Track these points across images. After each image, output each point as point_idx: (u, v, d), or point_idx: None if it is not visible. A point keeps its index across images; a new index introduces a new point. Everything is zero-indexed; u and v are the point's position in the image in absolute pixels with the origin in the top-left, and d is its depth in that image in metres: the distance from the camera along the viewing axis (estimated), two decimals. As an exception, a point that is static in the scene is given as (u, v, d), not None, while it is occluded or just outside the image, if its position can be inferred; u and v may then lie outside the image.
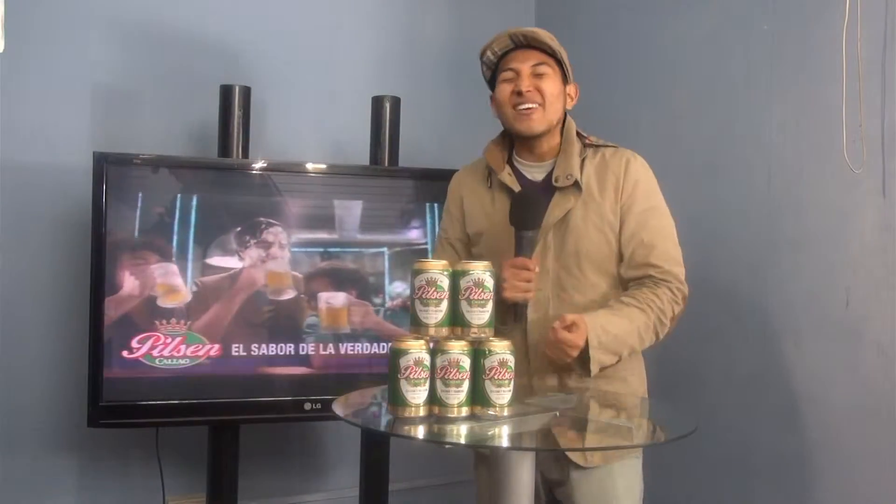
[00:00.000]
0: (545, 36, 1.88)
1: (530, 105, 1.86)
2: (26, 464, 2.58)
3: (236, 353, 2.47)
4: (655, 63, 2.85)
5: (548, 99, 1.87)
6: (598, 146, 1.95)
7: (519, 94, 1.86)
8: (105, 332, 2.33)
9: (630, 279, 1.87)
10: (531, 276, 1.78)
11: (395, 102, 2.77)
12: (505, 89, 1.89)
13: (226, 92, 2.60)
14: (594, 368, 1.75)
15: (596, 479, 1.83)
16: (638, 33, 2.93)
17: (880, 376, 2.12)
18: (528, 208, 1.82)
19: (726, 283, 2.52)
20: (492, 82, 1.96)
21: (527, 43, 1.88)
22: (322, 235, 2.59)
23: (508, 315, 1.82)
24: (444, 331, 1.52)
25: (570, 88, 1.94)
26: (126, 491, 2.70)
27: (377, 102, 2.77)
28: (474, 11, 3.31)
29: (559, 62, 1.90)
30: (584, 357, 1.73)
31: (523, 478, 1.48)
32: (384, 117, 2.76)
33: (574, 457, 1.81)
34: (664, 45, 2.82)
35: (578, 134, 1.95)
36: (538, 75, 1.87)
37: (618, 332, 1.77)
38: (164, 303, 2.41)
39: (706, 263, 2.49)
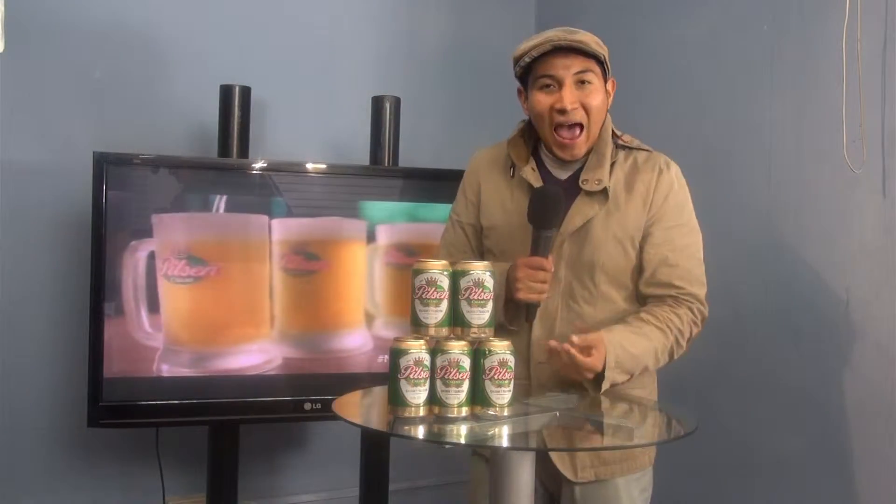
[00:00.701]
0: (592, 43, 1.73)
1: (573, 125, 1.72)
2: (26, 464, 2.58)
3: (236, 353, 2.47)
4: (655, 63, 2.85)
5: (592, 115, 1.74)
6: (631, 148, 1.83)
7: (562, 111, 1.71)
8: (105, 332, 2.33)
9: (649, 296, 1.78)
10: (547, 278, 1.70)
11: (395, 102, 2.77)
12: (544, 101, 1.73)
13: (226, 92, 2.60)
14: (605, 387, 1.66)
15: (600, 493, 1.77)
16: (638, 33, 2.92)
17: (880, 376, 2.12)
18: (548, 206, 1.70)
19: (726, 283, 2.51)
20: (522, 78, 1.80)
21: (569, 47, 1.71)
22: (321, 235, 2.59)
23: (518, 315, 1.76)
24: (444, 331, 1.51)
25: (609, 84, 1.81)
26: (126, 491, 2.70)
27: (377, 102, 2.77)
28: (474, 11, 3.30)
29: (601, 62, 1.76)
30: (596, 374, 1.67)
31: (523, 478, 1.48)
32: (384, 117, 2.76)
33: (564, 472, 1.75)
34: (664, 45, 2.82)
35: (613, 133, 1.82)
36: (581, 83, 1.72)
37: (636, 352, 1.68)
38: (166, 302, 2.41)
39: (706, 263, 2.49)
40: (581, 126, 1.74)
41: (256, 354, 2.50)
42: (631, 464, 1.78)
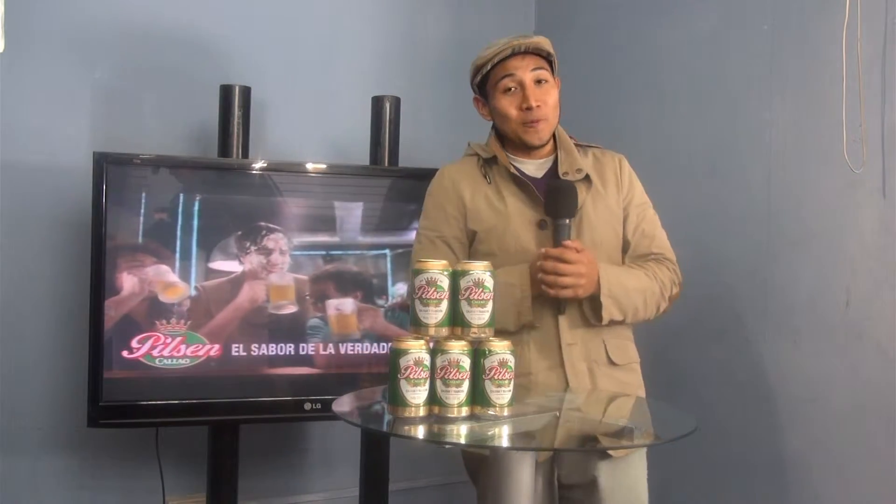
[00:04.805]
0: (546, 44, 1.90)
1: (540, 119, 1.88)
2: (26, 464, 2.58)
3: (236, 354, 2.47)
4: (655, 63, 2.85)
5: (551, 109, 1.91)
6: (585, 146, 2.01)
7: (528, 109, 1.87)
8: (105, 332, 2.33)
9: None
10: (572, 270, 1.79)
11: (395, 102, 2.77)
12: (508, 102, 1.89)
13: (226, 92, 2.60)
14: (605, 316, 1.82)
15: (620, 470, 1.86)
16: (638, 33, 2.92)
17: (880, 376, 2.12)
18: (565, 196, 1.83)
19: (726, 284, 2.52)
20: (480, 85, 1.96)
21: (524, 50, 1.88)
22: (323, 237, 2.59)
23: (549, 307, 1.84)
24: (444, 331, 1.51)
25: (556, 83, 1.96)
26: (126, 491, 2.70)
27: (377, 102, 2.77)
28: (474, 12, 3.30)
29: (550, 63, 1.93)
30: (595, 303, 1.83)
31: (523, 478, 1.48)
32: (384, 117, 2.76)
33: (611, 451, 1.83)
34: (664, 45, 2.82)
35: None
36: (539, 82, 1.88)
37: (629, 286, 1.85)
38: (165, 301, 2.41)
39: (706, 264, 2.49)
40: (545, 119, 1.91)
41: (266, 359, 2.51)
42: None
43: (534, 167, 1.95)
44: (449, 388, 1.46)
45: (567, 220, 1.82)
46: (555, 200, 1.84)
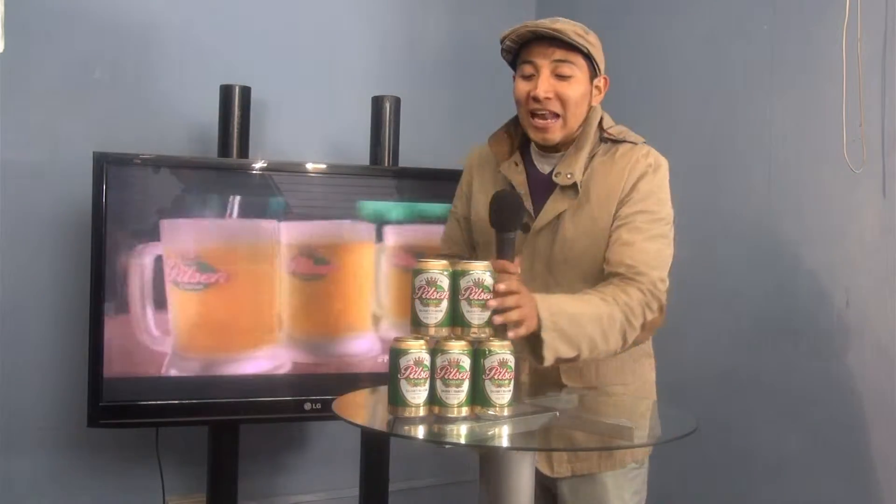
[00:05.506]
0: (571, 32, 1.71)
1: (546, 113, 1.72)
2: (26, 464, 2.58)
3: (236, 353, 2.47)
4: (655, 63, 2.85)
5: (569, 107, 1.72)
6: (615, 141, 1.79)
7: (535, 99, 1.71)
8: (105, 332, 2.33)
9: (606, 276, 1.71)
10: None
11: (395, 102, 2.77)
12: (522, 88, 1.74)
13: (226, 92, 2.60)
14: (548, 355, 1.54)
15: (582, 487, 1.78)
16: (638, 33, 2.93)
17: (880, 376, 2.12)
18: (506, 209, 1.63)
19: (726, 284, 2.52)
20: (513, 64, 1.80)
21: (547, 35, 1.71)
22: (322, 235, 2.59)
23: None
24: (444, 331, 1.51)
25: (599, 81, 1.79)
26: (126, 491, 2.70)
27: (377, 102, 2.77)
28: (474, 11, 3.30)
29: (586, 55, 1.73)
30: (534, 341, 1.55)
31: (523, 478, 1.48)
32: (384, 117, 2.76)
33: (540, 467, 1.74)
34: (664, 45, 2.82)
35: (600, 125, 1.80)
36: (560, 76, 1.72)
37: (574, 311, 1.57)
38: (165, 302, 2.41)
39: (706, 263, 2.49)
40: (557, 115, 1.73)
41: (264, 360, 2.50)
42: (611, 460, 1.77)
43: (547, 161, 1.81)
44: (449, 388, 1.46)
45: (510, 235, 1.60)
46: (493, 212, 1.62)
